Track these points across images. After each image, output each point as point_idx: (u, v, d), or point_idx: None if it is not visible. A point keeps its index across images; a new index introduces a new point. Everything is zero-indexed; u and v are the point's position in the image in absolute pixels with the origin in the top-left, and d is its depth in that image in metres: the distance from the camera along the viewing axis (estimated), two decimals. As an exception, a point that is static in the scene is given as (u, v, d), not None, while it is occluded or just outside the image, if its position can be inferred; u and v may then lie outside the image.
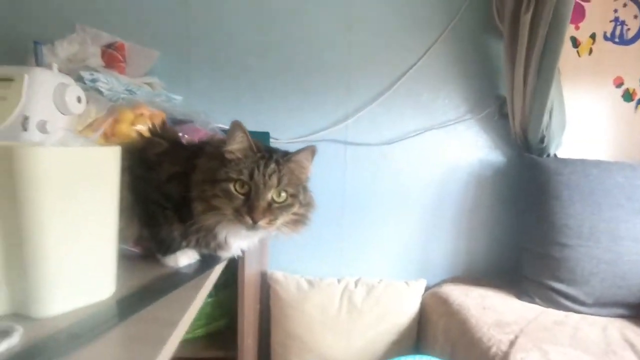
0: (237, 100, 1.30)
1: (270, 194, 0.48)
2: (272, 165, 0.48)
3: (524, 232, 1.25)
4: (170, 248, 0.49)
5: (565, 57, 1.28)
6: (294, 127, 1.32)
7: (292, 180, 0.50)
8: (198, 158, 0.49)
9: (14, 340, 0.31)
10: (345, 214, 1.37)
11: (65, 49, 1.12)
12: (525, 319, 1.06)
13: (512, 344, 0.92)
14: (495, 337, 0.96)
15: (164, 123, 0.56)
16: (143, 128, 0.83)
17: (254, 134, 1.36)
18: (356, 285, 1.28)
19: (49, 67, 0.77)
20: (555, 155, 1.28)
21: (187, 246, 0.50)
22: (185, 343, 0.99)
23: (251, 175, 0.46)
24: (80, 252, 0.36)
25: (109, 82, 0.96)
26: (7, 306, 0.35)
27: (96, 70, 0.99)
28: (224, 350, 0.97)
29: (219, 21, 1.27)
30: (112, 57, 1.19)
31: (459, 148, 1.36)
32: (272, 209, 0.48)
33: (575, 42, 1.33)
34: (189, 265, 0.50)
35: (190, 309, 0.39)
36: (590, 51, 1.33)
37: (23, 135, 0.69)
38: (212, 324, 1.03)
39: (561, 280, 1.14)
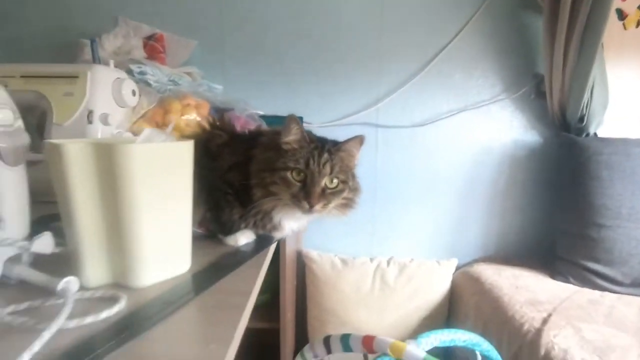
0: (270, 86, 1.34)
1: (324, 181, 0.52)
2: (325, 155, 0.52)
3: (560, 212, 1.24)
4: (231, 229, 0.55)
5: (610, 30, 1.21)
6: (325, 111, 1.35)
7: (343, 167, 0.54)
8: (254, 148, 0.54)
9: (122, 305, 0.37)
10: (377, 196, 1.40)
11: (111, 42, 1.19)
12: (559, 297, 1.07)
13: (545, 321, 0.94)
14: (528, 315, 0.98)
15: (222, 117, 0.60)
16: (190, 118, 0.89)
17: (286, 118, 1.40)
18: (388, 264, 1.32)
19: (106, 63, 0.83)
20: (595, 134, 1.24)
21: (246, 227, 0.55)
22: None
23: (307, 164, 0.51)
24: (165, 232, 0.42)
25: (154, 73, 1.02)
26: (110, 277, 0.41)
27: (142, 63, 1.05)
28: (268, 322, 1.05)
29: (253, 10, 1.29)
30: (153, 48, 1.25)
31: (492, 128, 1.35)
32: (325, 195, 0.52)
33: (621, 15, 1.26)
34: (247, 244, 0.56)
35: (257, 281, 0.44)
36: (638, 24, 1.26)
37: (88, 128, 0.76)
38: (258, 297, 1.10)
39: (597, 261, 1.13)
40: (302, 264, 1.36)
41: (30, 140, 0.40)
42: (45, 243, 0.41)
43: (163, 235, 0.42)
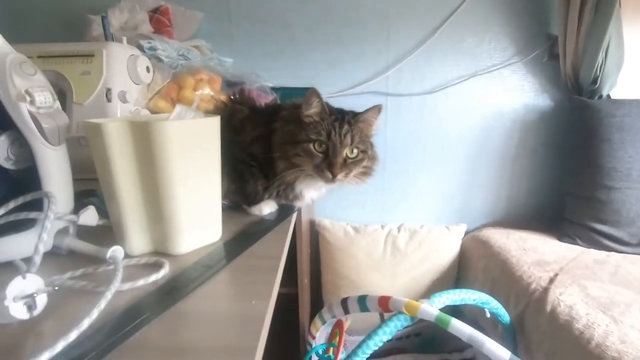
0: (278, 56, 1.33)
1: (345, 151, 0.54)
2: (346, 126, 0.54)
3: (569, 176, 1.25)
4: (255, 200, 0.58)
5: (628, -14, 1.17)
6: (335, 80, 1.34)
7: (362, 137, 0.56)
8: (275, 122, 0.56)
9: (166, 269, 0.41)
10: (386, 165, 1.42)
11: (117, 17, 1.18)
12: (565, 258, 1.11)
13: (551, 280, 0.98)
14: (535, 275, 1.02)
15: (242, 91, 0.62)
16: (204, 92, 0.91)
17: (295, 89, 1.40)
18: (399, 230, 1.36)
19: (119, 40, 0.84)
20: (608, 96, 1.23)
21: (269, 198, 0.58)
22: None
23: (329, 136, 0.53)
24: (198, 203, 0.45)
25: (164, 48, 1.02)
26: (151, 246, 0.45)
27: (151, 38, 1.05)
28: (287, 287, 1.10)
29: (258, -24, 1.26)
30: (159, 22, 1.24)
31: (503, 93, 1.34)
32: (347, 164, 0.55)
33: (640, -32, 1.21)
34: (270, 214, 0.59)
35: (285, 247, 0.48)
36: (658, -23, 1.21)
37: (108, 106, 0.78)
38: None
39: (605, 222, 1.16)
40: (315, 233, 1.40)
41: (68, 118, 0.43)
42: (90, 216, 0.44)
43: (197, 206, 0.45)
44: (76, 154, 0.49)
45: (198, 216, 0.46)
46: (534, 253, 1.14)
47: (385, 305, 0.76)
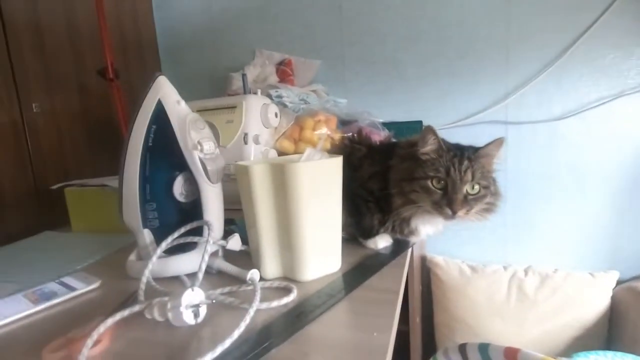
0: (388, 93, 1.37)
1: (466, 188, 0.53)
2: (466, 162, 0.53)
3: None
4: (370, 233, 0.60)
5: None
6: (446, 112, 1.31)
7: (484, 173, 0.54)
8: (391, 159, 0.58)
9: (295, 294, 0.46)
10: (508, 199, 1.28)
11: (251, 72, 1.40)
12: None
13: None
14: None
15: (359, 131, 0.67)
16: (322, 132, 0.99)
17: (406, 123, 1.41)
18: (526, 273, 1.21)
19: (255, 92, 0.99)
20: None
21: (385, 232, 0.60)
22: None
23: (447, 172, 0.53)
24: (322, 235, 0.50)
25: (288, 95, 1.16)
26: (281, 271, 0.51)
27: (277, 87, 1.22)
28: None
29: (371, 22, 1.35)
30: (283, 72, 1.43)
31: (663, 114, 1.11)
32: (467, 201, 0.53)
33: None
34: (385, 248, 0.61)
35: (402, 281, 0.49)
36: None
37: (244, 147, 0.93)
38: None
39: None
40: (426, 270, 1.34)
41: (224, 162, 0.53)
42: (236, 242, 0.53)
43: (320, 237, 0.50)
44: (223, 188, 0.59)
45: (321, 247, 0.50)
46: None
47: (512, 358, 0.67)
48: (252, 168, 0.47)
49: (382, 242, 0.60)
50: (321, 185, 0.48)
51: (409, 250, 0.61)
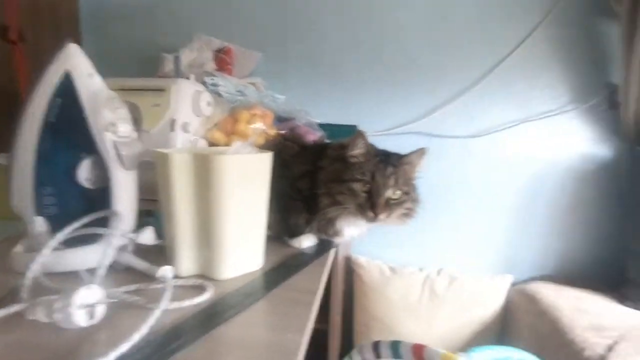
0: (327, 94, 1.39)
1: (388, 193, 0.55)
2: (390, 168, 0.56)
3: (632, 232, 1.15)
4: (296, 232, 0.60)
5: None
6: (380, 120, 1.37)
7: (406, 179, 0.57)
8: (322, 159, 0.59)
9: (210, 293, 0.43)
10: (427, 206, 1.38)
11: (187, 56, 1.31)
12: (627, 325, 1.00)
13: (610, 348, 0.89)
14: (590, 340, 0.93)
15: (293, 129, 0.66)
16: (257, 126, 0.97)
17: (340, 126, 1.44)
18: (438, 274, 1.31)
19: (187, 77, 0.93)
20: (676, 150, 1.14)
21: (310, 232, 0.60)
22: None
23: (373, 177, 0.55)
24: (245, 232, 0.48)
25: (225, 85, 1.11)
26: (198, 269, 0.48)
27: (214, 75, 1.16)
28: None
29: (314, 21, 1.36)
30: (222, 60, 1.36)
31: (557, 141, 1.29)
32: (389, 205, 0.56)
33: None
34: (310, 248, 0.61)
35: (322, 281, 0.49)
36: None
37: (171, 135, 0.86)
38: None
39: (676, 289, 1.04)
40: (350, 270, 1.39)
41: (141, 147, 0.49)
42: (149, 236, 0.49)
43: (243, 235, 0.48)
44: (141, 176, 0.54)
45: (242, 244, 0.48)
46: (590, 315, 1.04)
47: (419, 354, 0.73)
48: (172, 156, 0.43)
49: (307, 241, 0.60)
50: (247, 180, 0.46)
51: (333, 250, 0.62)
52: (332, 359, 1.13)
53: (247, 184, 0.46)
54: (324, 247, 0.61)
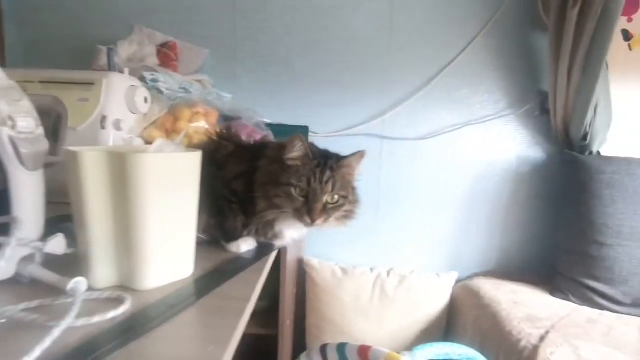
0: (278, 95, 1.37)
1: (325, 198, 0.54)
2: (328, 173, 0.54)
3: (562, 230, 1.24)
4: (234, 236, 0.57)
5: (615, 51, 1.23)
6: (332, 121, 1.37)
7: (344, 183, 0.56)
8: (259, 160, 0.56)
9: (127, 306, 0.39)
10: (379, 207, 1.41)
11: (126, 49, 1.23)
12: (557, 315, 1.07)
13: (542, 338, 0.94)
14: (526, 331, 0.98)
15: (229, 127, 0.63)
16: (199, 125, 0.92)
17: (292, 127, 1.42)
18: (388, 274, 1.33)
19: (121, 71, 0.86)
20: (598, 152, 1.25)
21: (248, 235, 0.57)
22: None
23: (309, 182, 0.53)
24: (170, 238, 0.44)
25: (166, 81, 1.05)
26: (117, 280, 0.44)
27: (155, 70, 1.09)
28: (265, 328, 1.06)
29: (265, 20, 1.33)
30: (166, 56, 1.29)
31: (496, 144, 1.36)
32: (327, 210, 0.54)
33: (627, 35, 1.27)
34: (249, 252, 0.58)
35: (257, 288, 0.46)
36: (643, 44, 1.27)
37: (101, 133, 0.79)
38: (256, 304, 1.12)
39: (598, 279, 1.13)
40: (302, 272, 1.37)
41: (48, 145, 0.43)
42: (58, 244, 0.43)
43: (168, 241, 0.44)
44: (62, 178, 0.48)
45: (169, 251, 0.44)
46: (525, 307, 1.11)
47: (365, 356, 0.73)
48: (82, 155, 0.39)
49: (245, 245, 0.57)
50: (172, 181, 0.43)
51: (273, 254, 0.59)
52: (283, 365, 1.10)
53: (171, 185, 0.42)
54: (263, 251, 0.58)
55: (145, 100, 0.86)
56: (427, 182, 1.38)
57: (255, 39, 1.34)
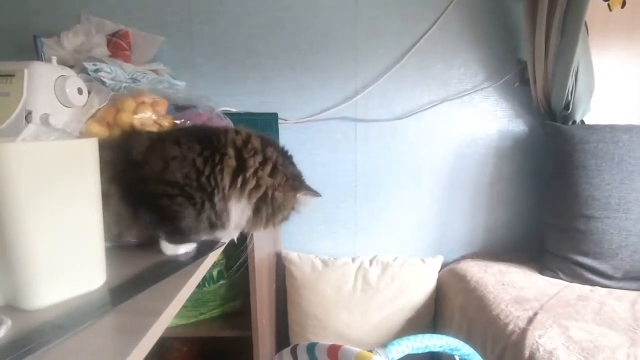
0: (243, 82, 1.28)
1: None
2: None
3: (547, 204, 1.19)
4: (186, 237, 0.50)
5: (594, 12, 1.17)
6: (301, 106, 1.29)
7: None
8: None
9: (1, 332, 0.32)
10: (357, 193, 1.35)
11: (71, 40, 1.13)
12: (546, 294, 1.02)
13: (530, 320, 0.89)
14: (514, 314, 0.93)
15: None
16: (145, 116, 0.84)
17: (261, 115, 1.34)
18: (371, 263, 1.27)
19: (48, 60, 0.77)
20: (582, 121, 1.19)
21: (200, 231, 0.51)
22: (201, 323, 1.03)
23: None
24: (65, 244, 0.37)
25: (112, 71, 0.96)
26: (1, 299, 0.36)
27: (100, 61, 1.00)
28: (239, 330, 1.00)
29: (222, 2, 1.23)
30: (117, 45, 1.20)
31: (476, 119, 1.29)
32: None
33: (605, -5, 1.20)
34: (186, 253, 0.51)
35: (177, 298, 0.39)
36: (624, 4, 1.20)
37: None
38: (227, 304, 1.06)
39: (587, 254, 1.08)
40: (282, 267, 1.30)
41: None
42: None
43: (63, 248, 0.37)
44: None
45: (65, 260, 0.37)
46: (513, 288, 1.05)
47: (334, 356, 0.66)
48: None
49: (183, 247, 0.50)
50: (57, 176, 0.35)
51: (214, 253, 0.52)
52: (263, 366, 1.04)
53: (57, 180, 0.35)
54: (202, 251, 0.51)
55: (80, 91, 0.78)
56: (406, 163, 1.32)
57: (213, 22, 1.25)
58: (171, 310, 0.37)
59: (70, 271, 0.38)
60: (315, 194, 0.62)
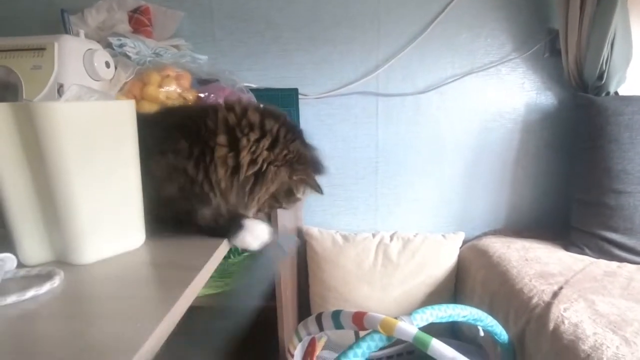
0: (262, 56, 1.27)
1: None
2: None
3: (576, 180, 1.15)
4: (224, 228, 0.49)
5: (635, -26, 1.09)
6: (322, 81, 1.27)
7: None
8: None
9: (55, 283, 0.34)
10: (379, 169, 1.34)
11: (94, 17, 1.14)
12: (572, 270, 1.00)
13: (555, 294, 0.88)
14: (538, 288, 0.92)
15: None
16: (170, 89, 0.85)
17: (280, 90, 1.33)
18: (391, 239, 1.27)
19: (76, 34, 0.79)
20: (616, 93, 1.13)
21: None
22: (227, 294, 1.06)
23: None
24: (108, 203, 0.38)
25: (136, 46, 0.97)
26: (51, 255, 0.38)
27: (124, 36, 1.01)
28: (265, 301, 1.02)
29: (240, -27, 1.21)
30: (138, 21, 1.20)
31: (503, 92, 1.25)
32: None
33: (648, -45, 1.12)
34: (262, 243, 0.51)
35: (212, 256, 0.40)
36: (668, -35, 1.12)
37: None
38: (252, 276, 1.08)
39: (615, 230, 1.05)
40: (302, 241, 1.32)
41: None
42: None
43: (106, 206, 0.38)
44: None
45: (108, 218, 0.39)
46: (537, 264, 1.04)
47: (359, 322, 0.68)
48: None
49: (252, 236, 0.49)
50: (98, 135, 0.36)
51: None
52: (288, 336, 1.08)
53: (99, 139, 0.36)
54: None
55: (107, 64, 0.79)
56: (429, 139, 1.29)
57: (232, -5, 1.23)
58: (208, 267, 0.39)
59: (114, 230, 0.40)
60: (317, 188, 0.58)
